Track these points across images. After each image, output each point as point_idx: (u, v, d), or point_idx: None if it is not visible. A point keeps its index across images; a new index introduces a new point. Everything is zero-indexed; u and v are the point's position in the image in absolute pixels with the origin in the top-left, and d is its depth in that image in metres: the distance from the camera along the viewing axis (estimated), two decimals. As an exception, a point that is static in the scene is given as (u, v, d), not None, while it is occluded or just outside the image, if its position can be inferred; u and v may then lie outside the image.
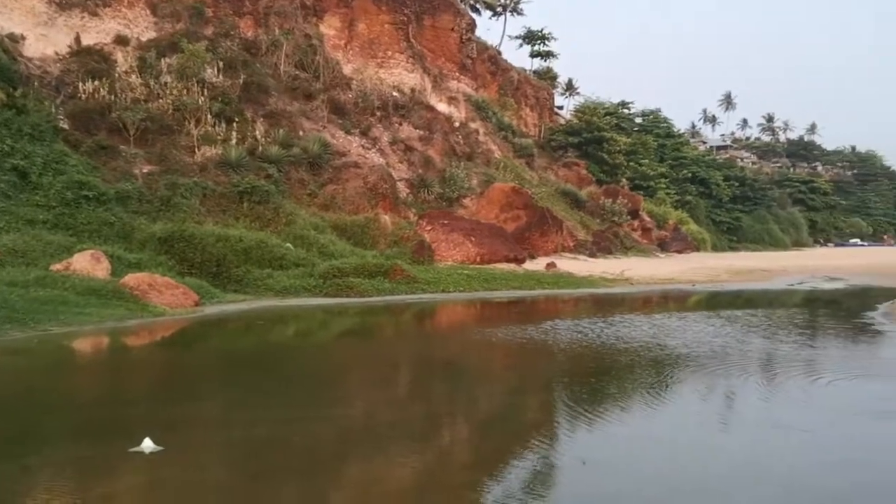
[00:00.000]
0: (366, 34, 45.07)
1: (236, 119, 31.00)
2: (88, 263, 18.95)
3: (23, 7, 30.31)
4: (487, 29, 69.16)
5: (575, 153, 60.77)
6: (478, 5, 66.35)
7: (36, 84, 27.49)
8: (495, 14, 68.29)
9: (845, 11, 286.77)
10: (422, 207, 35.61)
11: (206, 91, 30.78)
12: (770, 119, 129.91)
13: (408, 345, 16.32)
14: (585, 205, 51.89)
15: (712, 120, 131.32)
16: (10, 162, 22.31)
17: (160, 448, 7.41)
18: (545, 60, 74.30)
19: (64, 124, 26.31)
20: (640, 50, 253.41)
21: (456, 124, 46.63)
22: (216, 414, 9.47)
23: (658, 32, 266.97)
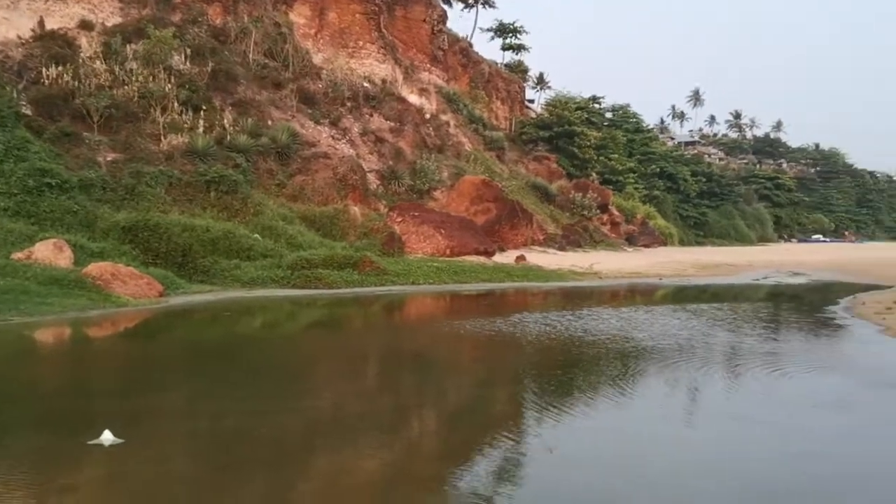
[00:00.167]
0: (336, 23, 44.68)
1: (204, 107, 30.57)
2: (51, 252, 18.64)
3: (-16, -11, 29.54)
4: (460, 16, 68.69)
5: (545, 147, 61.01)
6: (450, -4, 66.16)
7: (-3, 68, 26.86)
8: (467, 6, 68.08)
9: (809, 12, 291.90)
10: (392, 199, 35.51)
11: (172, 78, 30.29)
12: (737, 116, 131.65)
13: (377, 337, 16.27)
14: (555, 198, 52.16)
15: (681, 116, 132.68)
16: (-30, 148, 21.82)
17: (120, 440, 7.29)
18: (516, 54, 74.45)
19: (26, 110, 25.72)
20: (612, 45, 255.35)
21: (427, 116, 46.53)
22: (180, 406, 9.35)
23: (629, 28, 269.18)
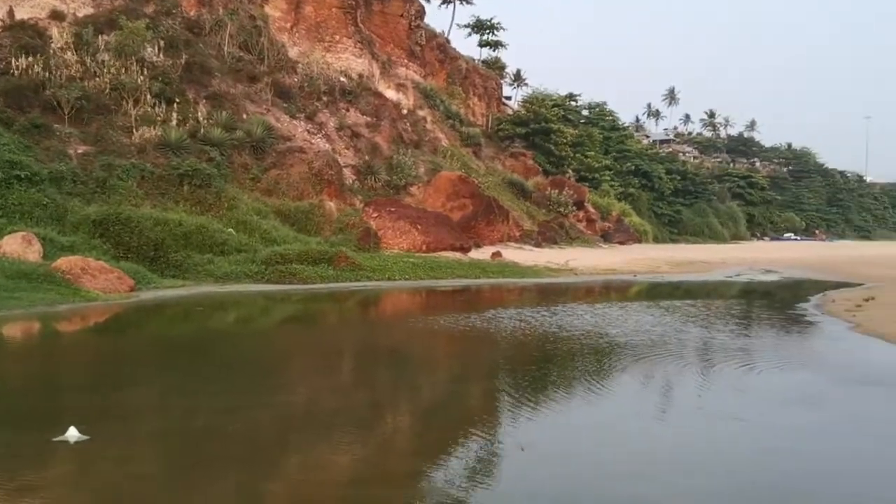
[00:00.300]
0: (312, 17, 44.32)
1: (177, 100, 30.13)
2: (19, 246, 18.33)
3: (-49, -23, 28.91)
4: (438, 9, 68.26)
5: (522, 144, 61.09)
6: (427, -8, 65.89)
7: (-36, 58, 26.32)
8: (445, 2, 67.96)
9: (809, 12, 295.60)
10: (368, 195, 35.34)
11: (145, 70, 29.85)
12: (712, 115, 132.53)
13: (351, 332, 16.18)
14: (532, 195, 52.27)
15: (656, 114, 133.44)
16: (-65, 139, 21.35)
17: (87, 437, 7.15)
18: (494, 50, 74.35)
19: (-6, 101, 25.23)
20: (588, 43, 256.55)
21: (404, 111, 46.36)
22: (150, 402, 9.21)
23: (605, 27, 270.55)
